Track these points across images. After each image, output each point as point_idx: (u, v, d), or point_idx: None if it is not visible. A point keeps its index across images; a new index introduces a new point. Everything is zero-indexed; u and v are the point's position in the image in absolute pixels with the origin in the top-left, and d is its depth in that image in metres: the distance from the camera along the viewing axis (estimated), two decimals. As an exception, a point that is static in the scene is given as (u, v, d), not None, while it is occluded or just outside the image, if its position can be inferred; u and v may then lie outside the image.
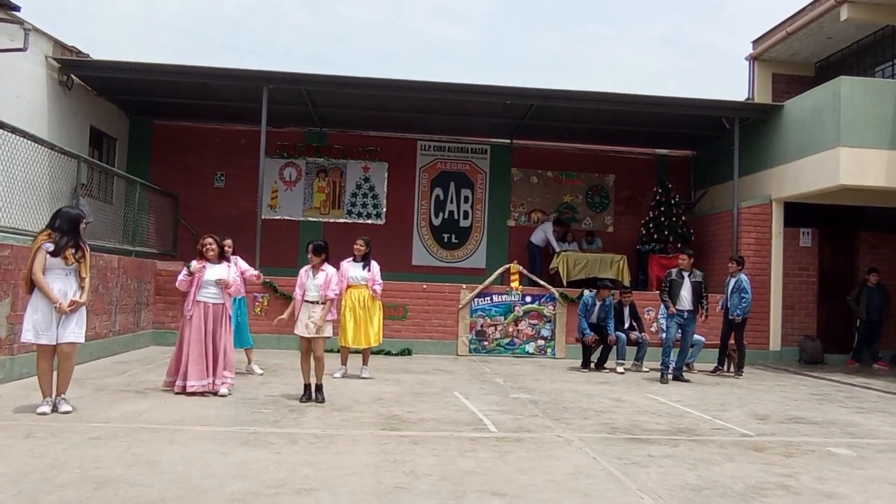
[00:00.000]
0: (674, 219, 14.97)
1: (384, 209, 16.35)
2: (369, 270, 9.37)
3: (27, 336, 6.22)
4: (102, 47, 47.68)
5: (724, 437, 6.47)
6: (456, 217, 16.56)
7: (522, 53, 60.73)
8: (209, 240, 7.88)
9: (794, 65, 15.72)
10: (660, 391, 9.37)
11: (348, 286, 9.28)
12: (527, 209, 16.72)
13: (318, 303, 7.60)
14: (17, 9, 10.53)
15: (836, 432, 6.93)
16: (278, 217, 15.96)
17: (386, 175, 16.39)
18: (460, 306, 13.05)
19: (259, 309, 9.54)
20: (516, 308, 13.19)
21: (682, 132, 15.70)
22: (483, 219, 16.60)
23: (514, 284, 13.28)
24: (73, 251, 6.31)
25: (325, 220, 16.16)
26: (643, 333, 11.90)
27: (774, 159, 13.64)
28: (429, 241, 16.43)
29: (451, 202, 16.54)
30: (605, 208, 16.92)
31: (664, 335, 10.67)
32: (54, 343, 6.23)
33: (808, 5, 14.05)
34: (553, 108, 14.15)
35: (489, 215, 16.61)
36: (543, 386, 9.41)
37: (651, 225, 15.10)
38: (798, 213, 13.74)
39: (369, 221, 16.19)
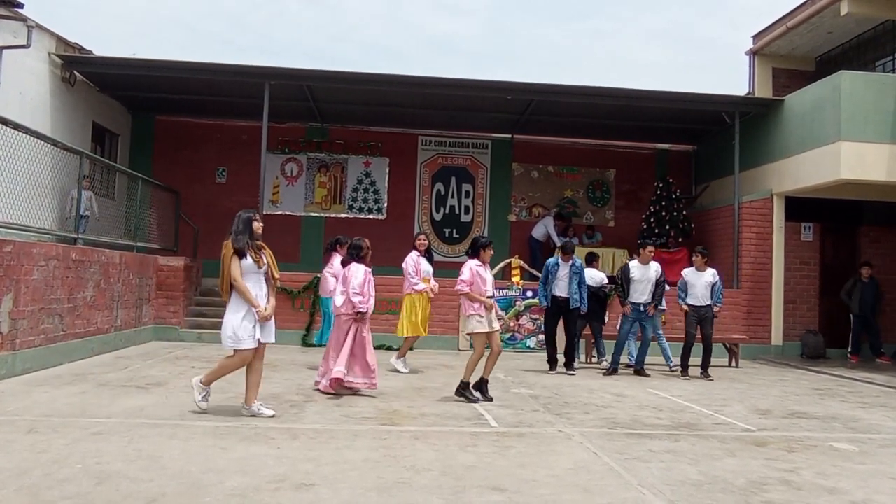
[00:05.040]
0: (675, 213, 14.97)
1: (385, 204, 16.35)
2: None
3: (230, 343, 6.10)
4: (105, 42, 47.72)
5: (725, 432, 6.47)
6: (457, 212, 16.56)
7: (523, 48, 60.65)
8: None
9: (794, 59, 15.68)
10: (661, 386, 9.37)
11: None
12: (528, 204, 16.71)
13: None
14: (20, 6, 10.55)
15: (837, 427, 6.93)
16: (280, 212, 15.97)
17: (387, 170, 16.39)
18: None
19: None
20: (517, 303, 13.19)
21: (683, 127, 15.69)
22: (484, 213, 16.59)
23: (516, 279, 13.28)
24: (256, 252, 6.22)
25: (327, 214, 16.16)
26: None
27: (775, 154, 13.62)
28: (430, 236, 16.41)
29: (452, 197, 16.54)
30: (605, 203, 16.91)
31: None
32: (255, 347, 6.18)
33: (808, 0, 14.01)
34: (553, 102, 14.14)
35: (490, 210, 16.60)
36: (544, 381, 9.42)
37: (652, 219, 15.09)
38: (799, 207, 13.71)
39: (370, 216, 16.20)
